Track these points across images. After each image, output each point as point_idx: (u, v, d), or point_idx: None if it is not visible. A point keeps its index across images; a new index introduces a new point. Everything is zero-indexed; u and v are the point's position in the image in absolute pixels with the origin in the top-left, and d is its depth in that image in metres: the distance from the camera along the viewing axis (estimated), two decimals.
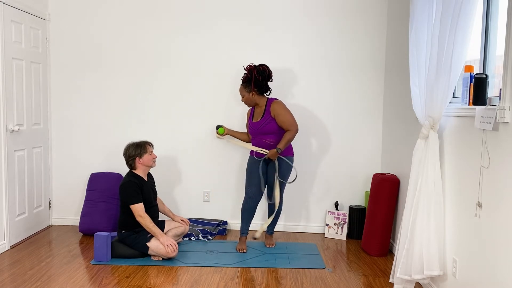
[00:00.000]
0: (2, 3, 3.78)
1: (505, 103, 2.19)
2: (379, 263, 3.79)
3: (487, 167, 2.39)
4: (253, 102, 3.97)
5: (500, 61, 2.52)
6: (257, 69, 3.89)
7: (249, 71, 3.91)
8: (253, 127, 3.98)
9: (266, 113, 3.92)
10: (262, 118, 3.94)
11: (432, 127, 2.91)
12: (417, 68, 3.08)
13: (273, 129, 3.90)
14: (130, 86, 4.63)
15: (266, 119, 3.91)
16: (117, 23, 4.59)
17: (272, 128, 3.90)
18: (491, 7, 2.64)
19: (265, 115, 3.93)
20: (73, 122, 4.68)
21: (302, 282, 3.35)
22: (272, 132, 3.91)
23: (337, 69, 4.56)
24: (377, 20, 4.50)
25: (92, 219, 4.31)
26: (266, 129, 3.91)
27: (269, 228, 4.19)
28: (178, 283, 3.27)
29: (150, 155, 3.83)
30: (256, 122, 3.97)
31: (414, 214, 2.96)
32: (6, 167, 3.88)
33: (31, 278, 3.31)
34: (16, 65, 4.03)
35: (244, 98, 3.97)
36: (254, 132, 3.98)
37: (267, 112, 3.92)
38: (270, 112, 3.90)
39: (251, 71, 3.90)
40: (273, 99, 3.97)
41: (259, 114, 4.00)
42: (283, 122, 3.86)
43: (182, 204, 4.72)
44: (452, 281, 2.82)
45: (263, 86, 3.92)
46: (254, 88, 3.90)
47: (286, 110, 3.89)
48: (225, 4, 4.54)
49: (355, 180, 4.64)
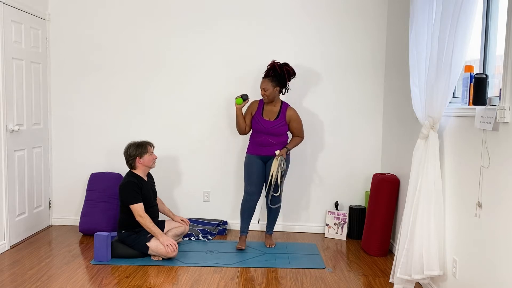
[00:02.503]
0: (2, 3, 3.78)
1: (505, 103, 2.19)
2: (379, 263, 3.80)
3: (487, 167, 2.39)
4: (273, 98, 3.99)
5: (500, 61, 2.52)
6: (289, 68, 3.96)
7: (280, 67, 3.94)
8: (264, 125, 3.97)
9: (281, 116, 3.98)
10: (277, 120, 3.97)
11: (432, 127, 2.91)
12: (417, 68, 3.08)
13: (283, 132, 3.99)
14: (130, 86, 4.63)
15: (281, 122, 3.97)
16: (117, 23, 4.59)
17: (283, 131, 3.99)
18: (491, 7, 2.64)
19: (280, 117, 3.98)
20: (73, 122, 4.68)
21: (302, 282, 3.35)
22: (281, 134, 3.99)
23: (337, 69, 4.56)
24: (377, 20, 4.50)
25: (92, 219, 4.31)
26: (278, 131, 3.97)
27: (268, 228, 4.20)
28: (178, 283, 3.27)
29: (150, 156, 3.83)
30: (269, 121, 3.98)
31: (414, 214, 2.96)
32: (6, 167, 3.88)
33: (31, 278, 3.31)
34: (16, 65, 4.03)
35: (267, 92, 3.92)
36: (263, 130, 3.97)
37: (282, 115, 3.98)
38: (286, 116, 3.98)
39: (281, 67, 3.94)
40: (287, 104, 4.06)
41: (272, 114, 4.01)
42: (297, 129, 4.05)
43: (182, 204, 4.72)
44: (452, 281, 2.82)
45: (286, 85, 4.02)
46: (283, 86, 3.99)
47: (300, 118, 4.07)
48: (225, 4, 4.54)
49: (355, 180, 4.64)
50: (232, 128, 4.61)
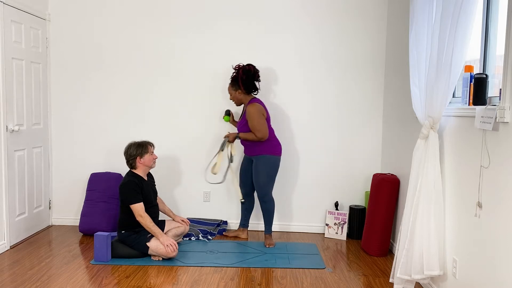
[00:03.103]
0: (2, 3, 3.78)
1: (505, 103, 2.19)
2: (379, 263, 3.80)
3: (487, 167, 2.39)
4: (239, 101, 4.11)
5: (500, 61, 2.52)
6: (243, 69, 4.02)
7: (236, 69, 4.06)
8: (237, 127, 4.16)
9: (244, 114, 4.09)
10: (241, 119, 4.11)
11: (432, 127, 2.91)
12: (417, 68, 3.08)
13: (248, 130, 4.04)
14: (130, 86, 4.63)
15: (243, 121, 4.07)
16: (117, 23, 4.59)
17: (246, 129, 4.05)
18: (491, 7, 2.64)
19: (243, 116, 4.10)
20: (73, 122, 4.68)
21: (302, 282, 3.35)
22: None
23: (337, 69, 4.56)
24: (377, 20, 4.50)
25: (92, 219, 4.31)
26: (243, 129, 4.06)
27: (266, 228, 4.18)
28: (178, 283, 3.27)
29: (151, 156, 3.83)
30: (238, 122, 4.16)
31: (414, 214, 2.96)
32: (6, 167, 3.88)
33: (31, 278, 3.31)
34: (16, 65, 4.03)
35: (231, 96, 4.13)
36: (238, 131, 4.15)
37: (245, 113, 4.07)
38: (246, 114, 4.03)
39: (238, 70, 4.04)
40: (253, 101, 4.05)
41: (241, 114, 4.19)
42: (251, 127, 3.97)
43: (182, 204, 4.72)
44: (452, 281, 2.82)
45: (249, 85, 4.03)
46: (241, 87, 4.03)
47: (256, 114, 3.93)
48: (225, 4, 4.54)
49: (355, 180, 4.64)
50: (232, 128, 4.61)
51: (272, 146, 4.04)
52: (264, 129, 3.93)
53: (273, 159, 4.03)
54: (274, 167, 4.05)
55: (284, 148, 4.61)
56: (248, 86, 4.04)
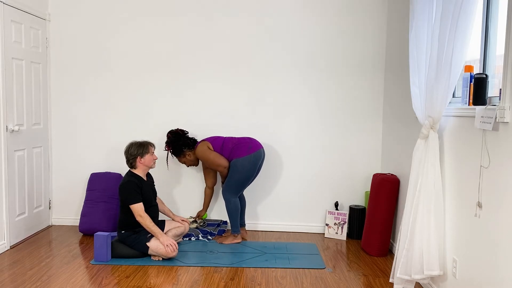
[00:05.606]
0: (2, 3, 3.78)
1: (505, 103, 2.19)
2: (379, 263, 3.80)
3: (487, 167, 2.39)
4: (195, 160, 4.29)
5: (500, 61, 2.52)
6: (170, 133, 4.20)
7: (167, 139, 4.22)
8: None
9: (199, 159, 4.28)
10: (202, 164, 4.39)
11: (432, 127, 2.91)
12: (417, 68, 3.08)
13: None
14: (130, 86, 4.63)
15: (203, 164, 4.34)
16: (117, 23, 4.59)
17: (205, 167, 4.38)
18: (491, 7, 2.64)
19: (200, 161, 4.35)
20: (73, 122, 4.68)
21: (302, 282, 3.35)
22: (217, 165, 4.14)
23: (337, 69, 4.56)
24: (377, 20, 4.50)
25: (92, 219, 4.31)
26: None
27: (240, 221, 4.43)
28: (178, 283, 3.27)
29: (151, 156, 3.83)
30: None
31: (414, 214, 2.96)
32: (6, 167, 3.88)
33: (31, 278, 3.31)
34: (16, 65, 4.03)
35: (187, 164, 4.29)
36: None
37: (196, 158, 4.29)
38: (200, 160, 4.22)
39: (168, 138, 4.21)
40: (195, 147, 4.20)
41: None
42: (210, 166, 4.16)
43: (182, 204, 4.72)
44: (452, 281, 2.82)
45: (184, 144, 4.18)
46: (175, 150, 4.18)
47: (206, 153, 4.12)
48: (225, 4, 4.54)
49: (355, 180, 4.64)
50: (232, 128, 4.61)
51: (234, 152, 4.11)
52: (220, 160, 4.10)
53: (239, 162, 4.06)
54: (241, 170, 4.05)
55: (284, 148, 4.62)
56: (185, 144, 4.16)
